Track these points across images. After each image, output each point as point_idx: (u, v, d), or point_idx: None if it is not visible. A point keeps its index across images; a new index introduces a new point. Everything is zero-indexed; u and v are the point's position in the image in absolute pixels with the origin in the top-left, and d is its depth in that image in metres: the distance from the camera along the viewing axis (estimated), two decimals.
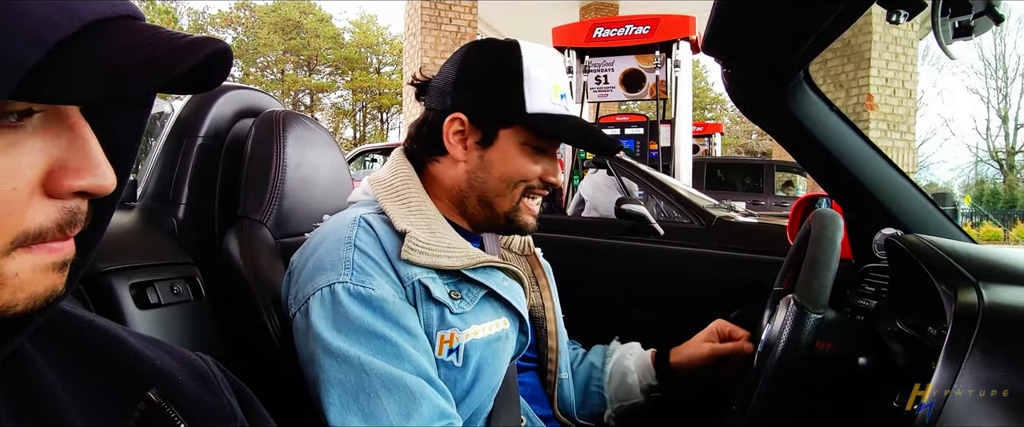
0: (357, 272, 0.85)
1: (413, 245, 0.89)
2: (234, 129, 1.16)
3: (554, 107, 0.95)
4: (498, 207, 0.98)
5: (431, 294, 0.88)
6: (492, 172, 0.96)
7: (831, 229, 0.88)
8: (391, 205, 0.94)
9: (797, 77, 1.04)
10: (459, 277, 0.93)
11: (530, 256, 1.19)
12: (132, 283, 0.87)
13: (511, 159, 0.96)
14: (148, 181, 1.10)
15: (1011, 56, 33.00)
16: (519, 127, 0.95)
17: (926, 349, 0.79)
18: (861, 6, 0.80)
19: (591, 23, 5.39)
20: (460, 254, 0.93)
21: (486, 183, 0.97)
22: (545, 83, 0.95)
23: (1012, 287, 0.76)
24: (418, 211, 0.95)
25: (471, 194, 0.98)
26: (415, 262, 0.88)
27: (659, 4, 7.43)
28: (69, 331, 0.48)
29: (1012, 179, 26.80)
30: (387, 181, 0.98)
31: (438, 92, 0.98)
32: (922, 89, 24.16)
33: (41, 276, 0.38)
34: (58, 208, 0.37)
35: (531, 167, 0.97)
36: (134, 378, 0.47)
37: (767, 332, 0.96)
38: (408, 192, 0.96)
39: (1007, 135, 26.79)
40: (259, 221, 1.05)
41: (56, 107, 0.37)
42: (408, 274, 0.88)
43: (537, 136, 0.96)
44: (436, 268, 0.90)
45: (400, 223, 0.91)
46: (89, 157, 0.38)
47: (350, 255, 0.86)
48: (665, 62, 5.14)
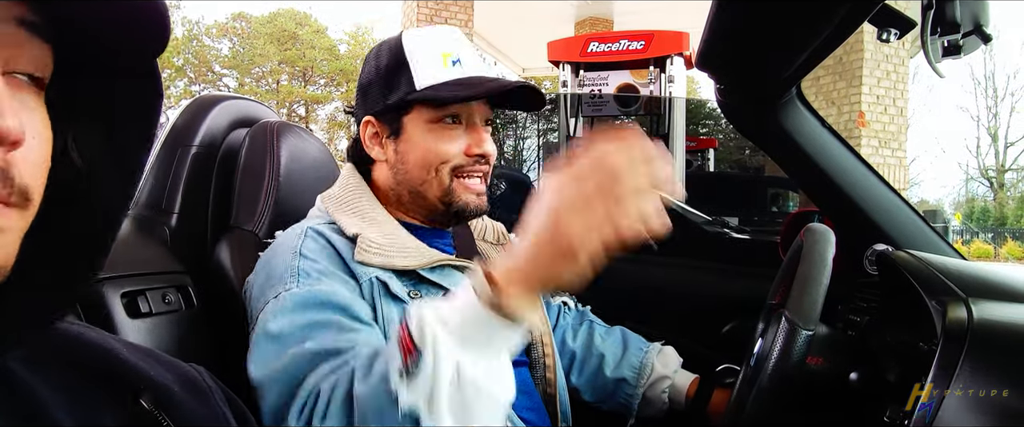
0: (304, 278, 0.83)
1: (366, 246, 0.89)
2: (228, 139, 1.16)
3: (446, 74, 0.94)
4: (428, 194, 0.97)
5: (389, 289, 0.87)
6: (408, 160, 0.97)
7: (823, 245, 0.89)
8: (341, 215, 0.94)
9: (789, 94, 1.05)
10: (416, 279, 0.92)
11: (507, 245, 1.17)
12: (123, 292, 0.86)
13: (421, 142, 0.95)
14: (141, 190, 1.10)
15: (1001, 75, 33.39)
16: (417, 108, 0.95)
17: (917, 364, 0.80)
18: (853, 24, 0.81)
19: (586, 38, 5.41)
20: (415, 254, 0.92)
21: (408, 173, 0.97)
22: (429, 55, 0.95)
23: (1001, 303, 0.76)
24: (369, 218, 0.95)
25: (401, 189, 0.99)
26: (369, 263, 0.87)
27: (653, 19, 7.49)
28: (62, 343, 0.47)
29: (1002, 197, 27.01)
30: (336, 195, 0.98)
31: (356, 107, 1.01)
32: (913, 107, 24.43)
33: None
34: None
35: (444, 146, 0.95)
36: (127, 388, 0.47)
37: (759, 347, 0.96)
38: (358, 202, 0.97)
39: (997, 153, 27.04)
40: (252, 231, 1.04)
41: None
42: (363, 272, 0.87)
43: (436, 109, 0.95)
44: (391, 269, 0.89)
45: (350, 229, 0.91)
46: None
47: (296, 264, 0.85)
48: (659, 77, 5.17)
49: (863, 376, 0.84)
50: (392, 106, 0.96)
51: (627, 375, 1.17)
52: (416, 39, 0.96)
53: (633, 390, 1.16)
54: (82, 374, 0.46)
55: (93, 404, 0.45)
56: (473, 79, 0.95)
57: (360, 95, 1.01)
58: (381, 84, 0.97)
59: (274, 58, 25.58)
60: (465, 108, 0.96)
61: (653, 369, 1.17)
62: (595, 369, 1.19)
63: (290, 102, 26.40)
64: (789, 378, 0.78)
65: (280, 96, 25.77)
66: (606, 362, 1.18)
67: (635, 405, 1.16)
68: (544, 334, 1.09)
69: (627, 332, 1.25)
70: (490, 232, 1.17)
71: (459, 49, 0.97)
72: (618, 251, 0.58)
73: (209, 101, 1.16)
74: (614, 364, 1.18)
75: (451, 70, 0.95)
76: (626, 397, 1.16)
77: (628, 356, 1.19)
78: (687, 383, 1.15)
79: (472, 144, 0.96)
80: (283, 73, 26.41)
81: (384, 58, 0.97)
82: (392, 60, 0.96)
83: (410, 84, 0.94)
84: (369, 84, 0.99)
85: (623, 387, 1.17)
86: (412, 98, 0.94)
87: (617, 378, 1.17)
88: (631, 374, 1.17)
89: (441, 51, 0.95)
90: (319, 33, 26.73)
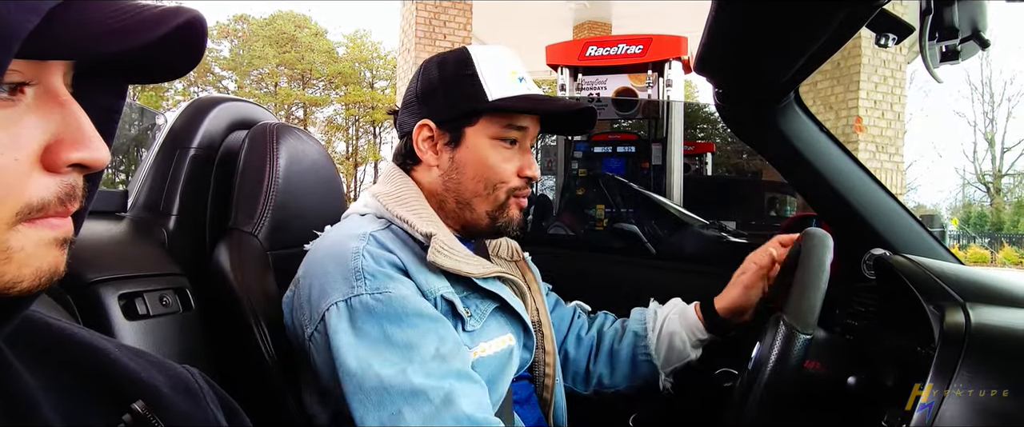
0: (370, 280, 0.84)
1: (440, 247, 0.89)
2: (227, 141, 1.16)
3: (515, 89, 0.97)
4: (478, 207, 0.99)
5: (455, 309, 0.89)
6: (466, 172, 0.98)
7: (821, 249, 0.89)
8: (407, 213, 0.94)
9: (788, 98, 1.05)
10: (470, 289, 0.93)
11: (520, 262, 1.19)
12: (121, 293, 0.86)
13: (482, 156, 0.97)
14: (139, 192, 1.10)
15: (997, 81, 33.50)
16: (484, 119, 0.96)
17: (915, 369, 0.80)
18: (851, 29, 0.82)
19: (584, 42, 5.43)
20: (477, 263, 0.93)
21: (461, 184, 0.98)
22: (500, 70, 0.97)
23: (998, 308, 0.76)
24: (430, 219, 0.95)
25: (449, 197, 0.99)
26: (441, 265, 0.88)
27: (651, 23, 7.51)
28: (52, 343, 0.47)
29: (999, 202, 27.08)
30: (393, 192, 0.98)
31: (406, 111, 1.01)
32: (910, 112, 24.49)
33: (45, 251, 0.39)
34: (57, 181, 0.39)
35: (503, 164, 0.98)
36: (119, 390, 0.47)
37: (757, 351, 0.96)
38: (416, 202, 0.97)
39: (994, 158, 27.13)
40: (250, 233, 1.04)
41: (46, 85, 0.38)
42: (430, 288, 0.88)
43: (505, 123, 0.97)
44: (456, 274, 0.90)
45: (423, 226, 0.92)
46: (83, 131, 0.39)
47: (360, 265, 0.85)
48: (657, 81, 5.18)
49: (861, 380, 0.84)
50: (460, 114, 0.97)
51: (636, 329, 1.19)
52: (485, 55, 0.98)
53: (645, 341, 1.17)
54: (73, 374, 0.46)
55: (83, 404, 0.45)
56: (540, 95, 0.99)
57: (417, 101, 1.00)
58: (446, 91, 0.97)
59: (273, 60, 25.56)
60: (523, 131, 0.99)
61: (657, 313, 1.20)
62: (610, 343, 1.21)
63: (288, 104, 26.39)
64: (787, 382, 0.78)
65: (278, 98, 25.76)
66: (617, 333, 1.22)
67: (655, 356, 1.16)
68: (549, 353, 1.10)
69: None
70: (504, 249, 1.18)
71: (521, 69, 1.00)
72: None
73: (207, 103, 1.16)
74: (623, 330, 1.21)
75: (519, 85, 0.97)
76: (644, 352, 1.17)
77: (632, 318, 1.23)
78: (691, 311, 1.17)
79: (524, 166, 1.00)
80: (282, 75, 26.40)
81: (449, 68, 0.98)
82: (458, 71, 0.97)
83: (480, 95, 0.95)
84: (429, 91, 0.99)
85: (637, 343, 1.18)
86: (483, 108, 0.95)
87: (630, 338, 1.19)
88: (639, 327, 1.20)
89: (509, 68, 0.98)
90: (318, 36, 26.72)
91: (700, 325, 1.14)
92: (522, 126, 0.99)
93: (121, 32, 0.35)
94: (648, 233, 2.35)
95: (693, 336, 1.14)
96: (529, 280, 1.16)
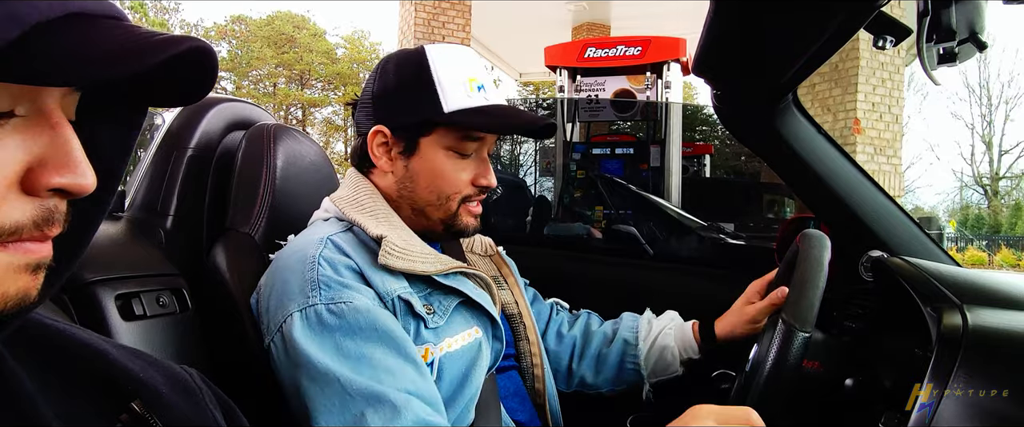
0: (325, 290, 0.84)
1: (390, 249, 0.88)
2: (225, 141, 1.16)
3: (472, 100, 0.94)
4: (432, 215, 0.98)
5: (413, 308, 0.88)
6: (419, 182, 0.97)
7: (819, 250, 0.89)
8: (360, 216, 0.94)
9: (786, 100, 1.05)
10: (431, 287, 0.93)
11: (494, 256, 1.19)
12: (118, 294, 0.86)
13: (436, 167, 0.96)
14: (137, 192, 1.09)
15: (995, 83, 33.58)
16: (439, 131, 0.95)
17: (912, 370, 0.80)
18: (849, 31, 0.82)
19: (583, 43, 5.43)
20: (434, 260, 0.93)
21: (415, 193, 0.98)
22: (457, 79, 0.94)
23: (996, 310, 0.76)
24: (386, 221, 0.95)
25: (403, 204, 0.99)
26: (392, 267, 0.88)
27: (650, 25, 7.51)
28: (50, 343, 0.47)
29: (996, 204, 27.13)
30: (350, 197, 0.98)
31: (363, 110, 1.00)
32: (908, 114, 24.55)
33: (13, 276, 0.37)
34: (35, 205, 0.37)
35: (458, 174, 0.97)
36: (117, 390, 0.47)
37: (756, 351, 0.96)
38: (373, 205, 0.97)
39: (991, 161, 27.18)
40: (247, 234, 1.04)
41: (39, 107, 0.37)
42: (387, 291, 0.88)
43: (461, 135, 0.95)
44: (412, 274, 0.90)
45: (374, 229, 0.91)
46: (69, 155, 0.37)
47: (316, 275, 0.85)
48: (656, 83, 5.19)
49: (858, 382, 0.85)
50: (412, 124, 0.95)
51: (627, 337, 1.19)
52: (442, 58, 0.95)
53: (636, 350, 1.17)
54: (71, 374, 0.46)
55: (82, 404, 0.45)
56: (499, 109, 0.96)
57: (372, 103, 0.98)
58: (401, 98, 0.95)
59: (271, 61, 25.55)
60: (480, 141, 0.97)
61: (652, 324, 1.19)
62: (598, 347, 1.20)
63: (287, 105, 26.38)
64: (786, 381, 0.78)
65: (277, 99, 25.74)
66: (606, 336, 1.21)
67: (643, 366, 1.16)
68: (533, 344, 1.10)
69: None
70: (478, 244, 1.19)
71: (482, 75, 0.97)
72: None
73: (205, 104, 1.16)
74: (613, 335, 1.21)
75: (477, 96, 0.95)
76: (633, 361, 1.17)
77: (624, 324, 1.22)
78: (689, 329, 1.16)
79: (479, 175, 0.98)
80: (280, 76, 26.38)
81: (406, 72, 0.96)
82: (415, 76, 0.94)
83: (436, 106, 0.93)
84: (385, 94, 0.97)
85: (627, 350, 1.18)
86: (439, 121, 0.93)
87: (619, 345, 1.18)
88: (630, 335, 1.19)
89: (468, 75, 0.95)
90: (316, 37, 26.71)
91: (695, 346, 1.15)
92: (478, 136, 0.97)
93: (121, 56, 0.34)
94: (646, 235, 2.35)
95: (685, 353, 1.15)
96: (505, 274, 1.16)
